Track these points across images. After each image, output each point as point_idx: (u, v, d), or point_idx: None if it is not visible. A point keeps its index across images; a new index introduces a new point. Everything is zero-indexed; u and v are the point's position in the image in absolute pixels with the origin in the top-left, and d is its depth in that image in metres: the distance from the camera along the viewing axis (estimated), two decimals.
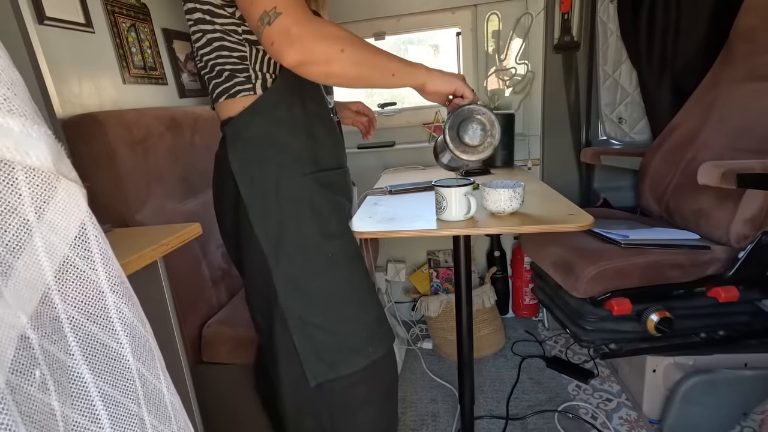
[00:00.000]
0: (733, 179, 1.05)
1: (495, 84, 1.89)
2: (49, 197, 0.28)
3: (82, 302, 0.31)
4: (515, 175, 1.54)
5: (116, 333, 0.33)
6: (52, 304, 0.29)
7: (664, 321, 1.14)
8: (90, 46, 1.29)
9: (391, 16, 1.82)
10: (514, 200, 0.93)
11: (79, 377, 0.31)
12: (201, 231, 0.65)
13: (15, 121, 0.23)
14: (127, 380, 0.35)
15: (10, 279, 0.26)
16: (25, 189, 0.25)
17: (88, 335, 0.31)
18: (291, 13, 0.63)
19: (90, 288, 0.31)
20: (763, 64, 1.32)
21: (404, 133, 2.01)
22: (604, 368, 1.67)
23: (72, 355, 0.30)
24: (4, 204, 0.26)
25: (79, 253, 0.30)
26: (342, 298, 0.88)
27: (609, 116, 1.80)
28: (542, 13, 1.72)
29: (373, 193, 1.39)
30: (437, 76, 0.82)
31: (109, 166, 1.13)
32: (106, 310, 0.32)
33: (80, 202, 0.28)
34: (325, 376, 0.87)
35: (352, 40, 0.69)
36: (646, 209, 1.60)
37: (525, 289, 2.02)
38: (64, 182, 0.27)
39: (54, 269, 0.29)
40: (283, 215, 0.82)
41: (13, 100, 0.23)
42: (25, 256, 0.27)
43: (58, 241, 0.30)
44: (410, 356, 1.89)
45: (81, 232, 0.29)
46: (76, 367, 0.31)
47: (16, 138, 0.24)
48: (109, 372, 0.32)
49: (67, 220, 0.29)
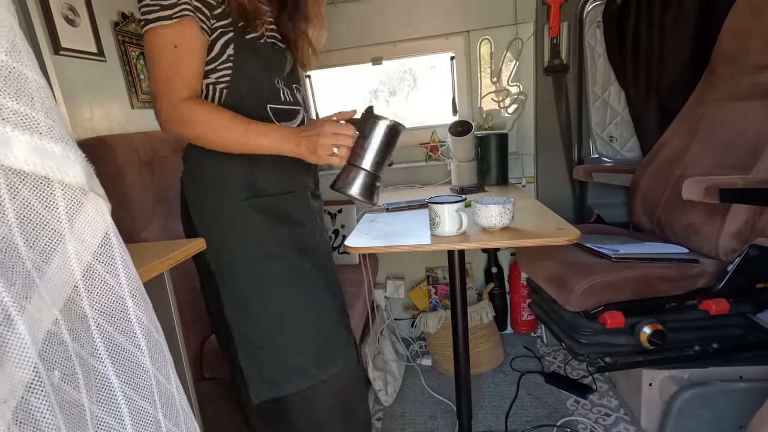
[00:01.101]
0: (716, 194, 1.09)
1: (489, 105, 1.96)
2: (78, 210, 0.32)
3: (105, 308, 0.34)
4: (509, 192, 1.59)
5: (137, 338, 0.37)
6: (80, 308, 0.32)
7: (657, 334, 1.17)
8: (101, 74, 1.36)
9: (388, 42, 1.90)
10: (504, 216, 0.97)
11: (106, 379, 0.34)
12: (205, 246, 0.69)
13: (57, 145, 0.28)
14: (146, 384, 0.38)
15: (43, 279, 0.30)
16: (61, 203, 0.29)
17: (112, 340, 0.35)
18: (163, 99, 0.79)
19: (112, 294, 0.34)
20: (743, 84, 1.38)
21: (401, 152, 2.06)
22: (602, 383, 1.68)
23: (99, 358, 0.34)
24: (40, 216, 0.30)
25: (102, 261, 0.34)
26: (284, 319, 0.92)
27: (600, 135, 1.86)
28: (532, 38, 1.80)
29: (370, 210, 1.43)
30: (305, 151, 0.83)
31: (117, 186, 1.18)
32: (127, 315, 0.36)
33: (105, 215, 0.32)
34: (267, 394, 0.91)
35: (209, 124, 0.80)
36: (639, 225, 1.64)
37: (523, 305, 2.03)
38: (92, 197, 0.31)
39: (80, 275, 0.33)
40: (225, 237, 0.89)
41: (55, 128, 0.28)
42: (56, 261, 0.31)
43: (83, 250, 0.34)
44: (410, 373, 1.89)
45: (105, 241, 0.33)
46: (103, 370, 0.34)
47: (58, 160, 0.28)
48: (131, 375, 0.36)
49: (93, 231, 0.33)
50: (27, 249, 0.29)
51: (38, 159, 0.29)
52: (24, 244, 0.28)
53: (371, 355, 1.63)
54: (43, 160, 0.29)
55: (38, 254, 0.31)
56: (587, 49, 1.79)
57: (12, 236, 0.27)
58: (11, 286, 0.27)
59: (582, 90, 1.84)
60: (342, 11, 1.84)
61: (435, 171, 2.03)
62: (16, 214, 0.27)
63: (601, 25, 1.73)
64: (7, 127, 0.27)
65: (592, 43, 1.78)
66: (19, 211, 0.28)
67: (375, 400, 1.71)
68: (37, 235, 0.30)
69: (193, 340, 1.31)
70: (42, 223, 0.31)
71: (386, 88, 2.22)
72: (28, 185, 0.28)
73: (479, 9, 1.79)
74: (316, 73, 2.07)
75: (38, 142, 0.28)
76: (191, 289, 1.37)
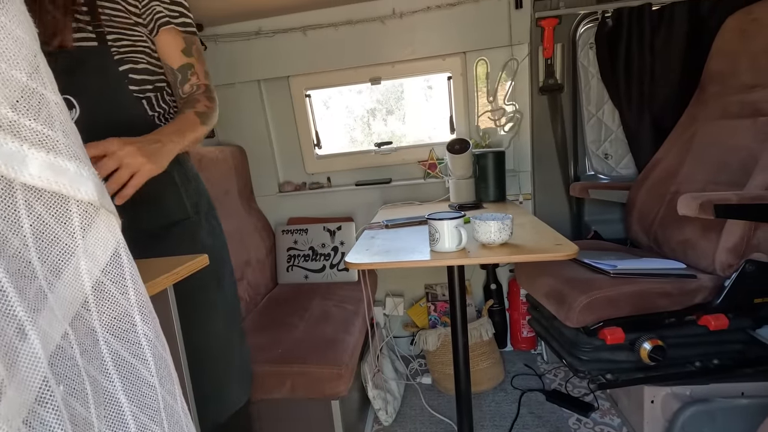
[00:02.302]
0: (711, 210, 1.10)
1: (486, 123, 1.99)
2: (90, 226, 0.33)
3: (113, 323, 0.35)
4: (507, 209, 1.60)
5: (145, 355, 0.37)
6: (89, 322, 0.33)
7: (657, 349, 1.16)
8: None
9: (386, 63, 1.95)
10: (503, 232, 0.98)
11: (115, 397, 0.34)
12: (208, 262, 0.69)
13: (71, 163, 0.29)
14: (153, 403, 0.38)
15: (53, 293, 0.31)
16: (76, 219, 0.30)
17: (121, 359, 0.35)
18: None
19: (120, 310, 0.35)
20: (733, 103, 1.42)
21: (400, 170, 2.09)
22: (604, 401, 1.66)
23: (108, 375, 0.34)
24: (53, 231, 0.31)
25: (111, 277, 0.34)
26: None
27: (595, 152, 1.89)
28: (527, 59, 1.85)
29: (370, 227, 1.44)
30: None
31: None
32: (135, 332, 0.36)
33: (116, 231, 0.33)
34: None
35: None
36: (636, 241, 1.65)
37: (522, 322, 2.03)
38: (103, 213, 0.32)
39: (90, 290, 0.33)
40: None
41: (71, 146, 0.29)
42: (67, 276, 0.32)
43: (93, 266, 0.34)
44: (409, 391, 1.87)
45: (115, 257, 0.33)
46: (112, 388, 0.34)
47: (71, 177, 0.29)
48: (138, 394, 0.36)
49: (103, 247, 0.33)
50: (39, 263, 0.30)
51: (52, 175, 0.30)
52: (38, 259, 0.29)
53: (371, 373, 1.61)
54: (57, 176, 0.30)
55: (49, 269, 0.31)
56: (581, 70, 1.83)
57: (27, 251, 0.28)
58: (24, 299, 0.28)
59: (576, 109, 1.88)
60: (342, 33, 1.89)
61: (433, 188, 2.05)
62: (32, 229, 0.28)
63: (594, 46, 1.78)
64: (24, 145, 0.29)
65: (585, 64, 1.83)
66: (34, 226, 0.28)
67: (374, 419, 1.68)
68: (50, 250, 0.31)
69: None
70: (55, 238, 0.32)
71: (384, 107, 2.26)
72: (43, 201, 0.29)
73: (475, 31, 1.84)
74: (316, 92, 2.11)
75: (53, 159, 0.29)
76: None
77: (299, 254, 2.02)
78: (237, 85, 2.03)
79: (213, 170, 1.74)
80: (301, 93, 2.04)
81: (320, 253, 1.99)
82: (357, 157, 2.12)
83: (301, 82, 2.03)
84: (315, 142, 2.13)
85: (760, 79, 1.35)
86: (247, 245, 1.84)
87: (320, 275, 1.98)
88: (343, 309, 1.68)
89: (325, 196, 2.13)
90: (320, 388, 1.28)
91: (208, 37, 1.94)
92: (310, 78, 2.02)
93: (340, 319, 1.59)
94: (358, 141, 2.28)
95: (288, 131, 2.10)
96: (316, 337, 1.45)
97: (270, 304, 1.80)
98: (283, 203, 2.16)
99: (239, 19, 1.88)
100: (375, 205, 2.09)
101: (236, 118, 2.08)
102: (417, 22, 1.86)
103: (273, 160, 2.13)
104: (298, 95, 2.04)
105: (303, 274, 2.00)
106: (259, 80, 2.02)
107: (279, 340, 1.44)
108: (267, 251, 2.00)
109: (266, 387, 1.29)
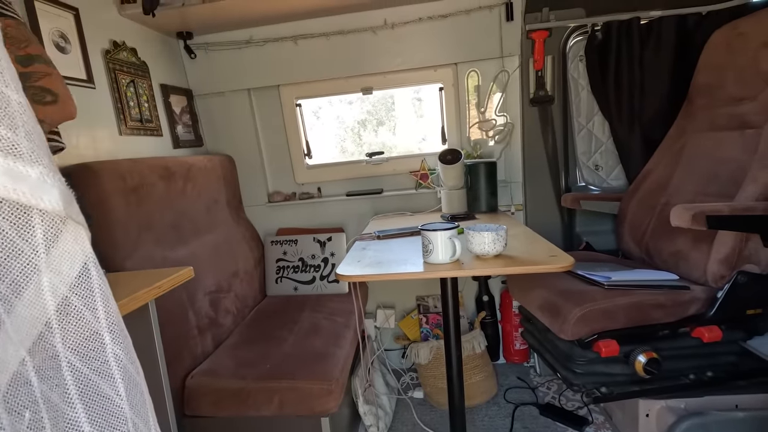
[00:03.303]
0: (703, 221, 1.10)
1: (477, 134, 1.99)
2: (56, 239, 0.30)
3: (79, 344, 0.32)
4: (499, 219, 1.59)
5: (114, 379, 0.34)
6: (52, 345, 0.30)
7: (652, 362, 1.15)
8: (90, 101, 1.35)
9: (378, 73, 1.94)
10: (497, 243, 0.96)
11: (77, 425, 0.31)
12: (193, 274, 0.66)
13: (34, 169, 0.26)
14: (123, 430, 0.35)
15: (12, 315, 0.28)
16: (39, 231, 0.27)
17: (85, 381, 0.32)
18: None
19: (88, 329, 0.32)
20: (721, 115, 1.43)
21: (392, 180, 2.07)
22: (598, 415, 1.64)
23: (70, 402, 0.31)
24: (14, 245, 0.28)
25: (79, 294, 0.31)
26: None
27: (586, 164, 1.90)
28: (518, 71, 1.86)
29: (361, 238, 1.41)
30: None
31: (101, 214, 1.15)
32: (104, 353, 0.33)
33: (84, 244, 0.30)
34: None
35: None
36: (627, 252, 1.65)
37: (515, 334, 2.00)
38: (71, 225, 0.29)
39: (54, 309, 0.30)
40: None
41: (35, 150, 0.26)
42: (28, 294, 0.29)
43: (59, 282, 0.31)
44: (401, 406, 1.83)
45: (83, 273, 0.31)
46: (74, 416, 0.31)
47: (32, 184, 0.26)
48: (106, 420, 0.32)
49: (70, 262, 0.31)
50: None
51: (9, 183, 0.27)
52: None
53: (362, 388, 1.57)
54: (15, 183, 0.27)
55: (9, 287, 0.28)
56: (571, 82, 1.85)
57: None
58: None
59: (567, 120, 1.89)
60: (334, 43, 1.88)
61: (425, 198, 2.03)
62: None
63: (584, 58, 1.80)
64: None
65: (575, 76, 1.84)
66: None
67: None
68: (10, 266, 0.28)
69: (174, 375, 1.25)
70: (15, 252, 0.29)
71: (375, 118, 2.25)
72: (1, 211, 0.26)
73: (467, 43, 1.85)
74: (306, 102, 2.10)
75: (11, 164, 0.27)
76: (175, 321, 1.32)
77: (289, 265, 1.98)
78: (227, 93, 2.00)
79: (201, 179, 1.70)
80: (291, 102, 2.03)
81: (310, 265, 1.96)
82: (348, 167, 2.10)
83: (292, 92, 2.01)
84: (305, 152, 2.11)
85: (747, 92, 1.36)
86: (235, 256, 1.80)
87: (310, 287, 1.94)
88: (334, 322, 1.64)
89: (316, 207, 2.10)
90: (310, 405, 1.23)
91: (198, 46, 1.92)
92: (300, 87, 2.00)
93: (330, 332, 1.55)
94: (349, 152, 2.27)
95: (278, 141, 2.08)
96: (305, 351, 1.41)
97: (258, 316, 1.76)
98: (272, 213, 2.13)
99: (230, 27, 1.87)
100: (366, 215, 2.06)
101: (225, 127, 2.05)
102: (409, 32, 1.86)
103: (262, 170, 2.10)
104: (288, 104, 2.03)
105: (292, 286, 1.96)
106: (249, 89, 2.00)
107: (267, 355, 1.40)
108: (255, 262, 1.95)
109: (253, 404, 1.24)
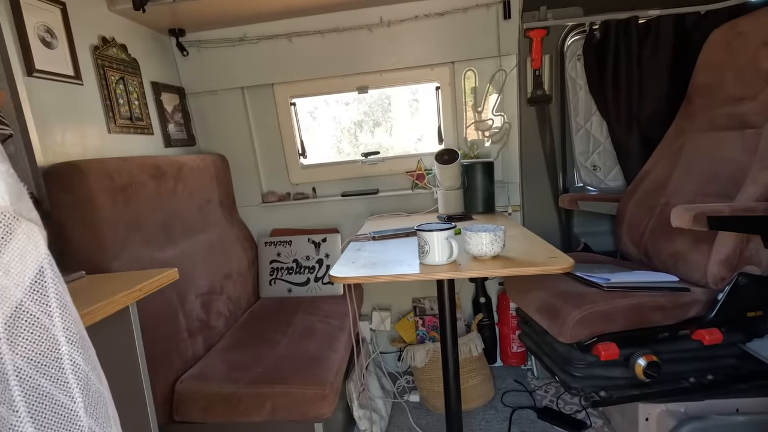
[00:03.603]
0: (704, 222, 1.08)
1: (474, 135, 1.97)
2: (8, 239, 0.27)
3: (33, 352, 0.29)
4: (496, 220, 1.56)
5: (69, 387, 0.31)
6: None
7: (652, 365, 1.13)
8: (77, 98, 1.31)
9: (374, 71, 1.92)
10: (495, 244, 0.93)
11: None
12: (177, 276, 0.63)
13: None
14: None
15: None
16: None
17: (37, 389, 0.29)
18: None
19: (43, 336, 0.29)
20: (719, 115, 1.42)
21: (387, 180, 2.05)
22: (596, 418, 1.61)
23: (16, 412, 0.28)
24: None
25: (34, 299, 0.28)
26: None
27: (583, 164, 1.88)
28: (515, 70, 1.83)
29: (356, 239, 1.38)
30: None
31: (87, 213, 1.11)
32: (60, 362, 0.30)
33: (39, 245, 0.27)
34: None
35: None
36: (626, 253, 1.62)
37: (512, 336, 1.98)
38: (24, 224, 0.27)
39: (5, 315, 0.27)
40: None
41: None
42: None
43: (12, 286, 0.28)
44: (396, 410, 1.80)
45: (38, 277, 0.28)
46: (20, 426, 0.28)
47: None
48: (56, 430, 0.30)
49: (24, 264, 0.28)
50: None
51: None
52: None
53: (356, 392, 1.54)
54: None
55: None
56: (569, 81, 1.83)
57: None
58: None
59: (565, 120, 1.86)
60: (329, 41, 1.86)
61: (421, 199, 2.01)
62: None
63: (582, 58, 1.78)
64: None
65: (573, 76, 1.82)
66: None
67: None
68: None
69: (163, 379, 1.22)
70: None
71: (371, 119, 2.23)
72: None
73: (463, 41, 1.83)
74: (301, 101, 2.07)
75: None
76: (165, 324, 1.28)
77: (282, 267, 1.94)
78: (219, 92, 1.97)
79: (193, 179, 1.67)
80: (285, 101, 2.00)
81: (304, 266, 1.93)
82: (343, 168, 2.07)
83: (286, 90, 1.98)
84: (300, 152, 2.08)
85: (747, 91, 1.35)
86: (228, 257, 1.77)
87: (304, 289, 1.91)
88: (328, 324, 1.61)
89: (310, 207, 2.07)
90: (303, 410, 1.20)
91: (190, 43, 1.88)
92: (295, 86, 1.97)
93: (324, 334, 1.52)
94: (345, 152, 2.24)
95: (272, 140, 2.05)
96: (299, 355, 1.38)
97: (251, 318, 1.72)
98: (266, 214, 2.09)
99: (223, 24, 1.84)
100: (362, 216, 2.03)
101: (218, 126, 2.02)
102: (405, 30, 1.84)
103: (256, 170, 2.07)
104: (282, 103, 2.00)
105: (286, 288, 1.93)
106: (242, 87, 1.97)
107: (260, 358, 1.37)
108: (249, 263, 1.92)
109: (245, 409, 1.21)
